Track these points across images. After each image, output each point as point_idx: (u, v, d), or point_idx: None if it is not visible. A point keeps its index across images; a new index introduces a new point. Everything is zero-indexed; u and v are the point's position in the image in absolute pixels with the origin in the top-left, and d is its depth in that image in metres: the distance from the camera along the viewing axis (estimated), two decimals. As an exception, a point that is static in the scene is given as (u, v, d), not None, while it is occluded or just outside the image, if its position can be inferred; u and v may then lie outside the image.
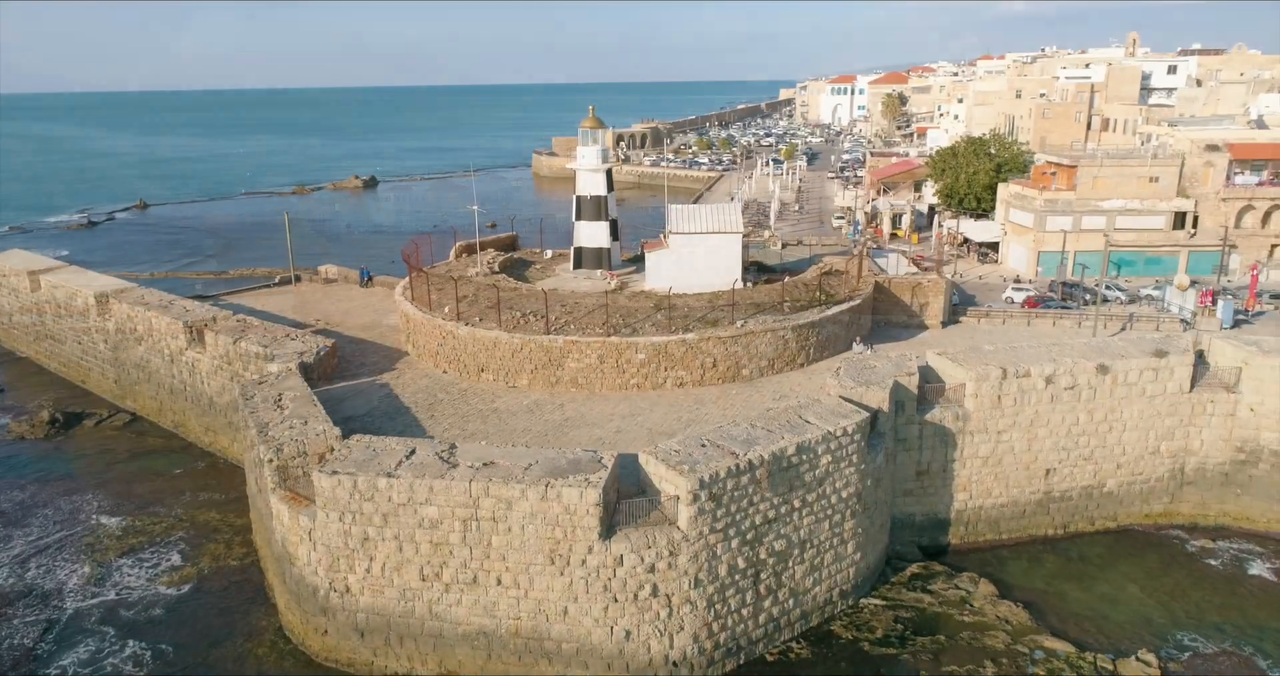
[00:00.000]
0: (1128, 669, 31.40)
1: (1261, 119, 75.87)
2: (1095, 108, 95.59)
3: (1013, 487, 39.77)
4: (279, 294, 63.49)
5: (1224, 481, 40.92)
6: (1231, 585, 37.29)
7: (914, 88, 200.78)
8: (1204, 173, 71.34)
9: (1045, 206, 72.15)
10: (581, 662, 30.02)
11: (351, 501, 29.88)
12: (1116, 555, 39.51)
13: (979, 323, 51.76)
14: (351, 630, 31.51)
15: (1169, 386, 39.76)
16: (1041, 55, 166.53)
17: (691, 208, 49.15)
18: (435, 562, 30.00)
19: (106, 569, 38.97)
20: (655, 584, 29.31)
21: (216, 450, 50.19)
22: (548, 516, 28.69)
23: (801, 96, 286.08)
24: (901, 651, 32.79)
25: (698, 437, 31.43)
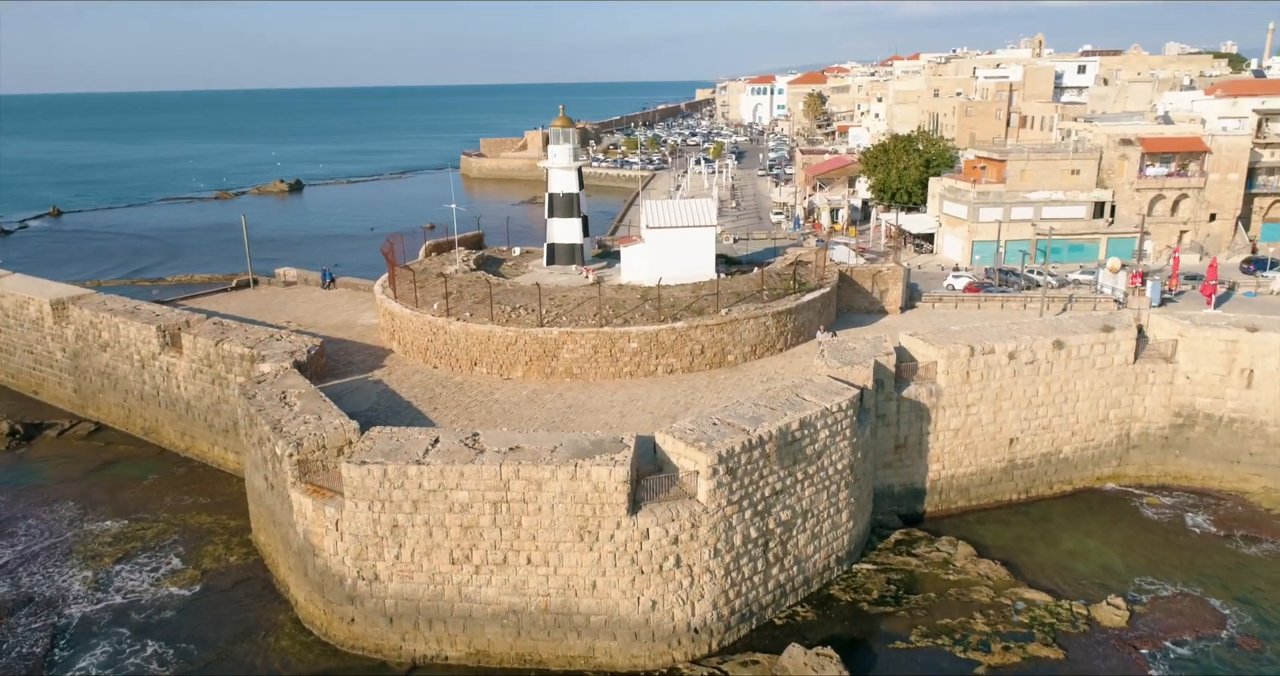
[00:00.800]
0: (1100, 613, 34.60)
1: (1167, 115, 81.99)
2: (1014, 105, 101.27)
3: (981, 457, 42.88)
4: (238, 297, 62.81)
5: (1164, 444, 44.92)
6: (1175, 535, 41.11)
7: (833, 87, 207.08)
8: (1119, 165, 76.81)
9: (978, 199, 76.55)
10: (610, 633, 31.57)
11: (381, 489, 30.76)
12: (1074, 514, 42.99)
13: (934, 307, 55.08)
14: (380, 617, 32.33)
15: (1115, 359, 43.49)
16: (954, 56, 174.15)
17: (666, 202, 50.99)
18: (465, 545, 31.12)
19: (106, 574, 38.65)
20: (679, 555, 31.09)
21: (194, 455, 49.78)
22: (577, 495, 30.16)
23: (721, 96, 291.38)
24: (897, 609, 35.34)
25: (708, 417, 33.33)
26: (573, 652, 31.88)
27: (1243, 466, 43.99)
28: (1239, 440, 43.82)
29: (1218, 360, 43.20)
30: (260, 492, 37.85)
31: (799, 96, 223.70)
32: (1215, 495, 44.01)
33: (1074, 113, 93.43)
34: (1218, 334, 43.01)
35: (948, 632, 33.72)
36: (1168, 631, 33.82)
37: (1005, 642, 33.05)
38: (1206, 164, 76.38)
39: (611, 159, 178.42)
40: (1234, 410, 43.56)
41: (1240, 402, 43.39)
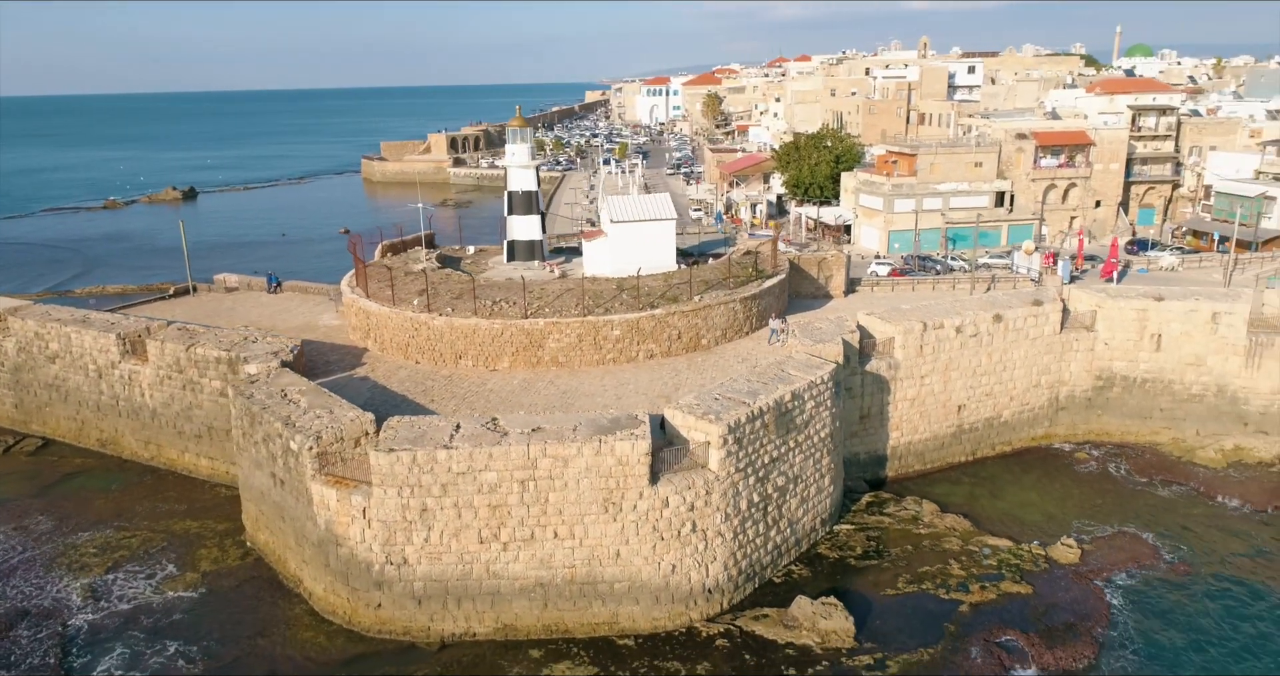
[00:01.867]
0: (1055, 553, 38.88)
1: (1055, 111, 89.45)
2: (913, 104, 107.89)
3: (933, 423, 46.91)
4: (180, 305, 61.55)
5: (1088, 404, 50.08)
6: (1103, 483, 46.08)
7: (728, 88, 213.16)
8: (1016, 157, 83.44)
9: (893, 191, 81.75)
10: (632, 598, 33.68)
11: (410, 475, 31.97)
12: (1015, 471, 47.53)
13: (872, 291, 59.24)
14: (408, 599, 33.48)
15: (1045, 330, 48.31)
16: (845, 57, 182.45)
17: (627, 198, 53.20)
18: (494, 524, 32.66)
19: (103, 583, 38.17)
20: (694, 521, 33.49)
21: (161, 464, 49.04)
22: (601, 469, 32.16)
23: (617, 98, 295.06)
24: (880, 562, 38.72)
25: (709, 393, 35.85)
26: (597, 619, 33.83)
27: (1154, 421, 49.54)
28: (1150, 398, 49.34)
29: (1131, 327, 48.58)
30: (263, 491, 38.16)
31: (695, 97, 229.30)
32: (1132, 447, 49.38)
33: (968, 110, 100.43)
34: (1130, 304, 48.38)
35: (929, 578, 37.29)
36: (1114, 564, 38.33)
37: (980, 583, 36.84)
38: (1091, 155, 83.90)
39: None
40: (1145, 371, 49.04)
41: (1151, 365, 48.89)
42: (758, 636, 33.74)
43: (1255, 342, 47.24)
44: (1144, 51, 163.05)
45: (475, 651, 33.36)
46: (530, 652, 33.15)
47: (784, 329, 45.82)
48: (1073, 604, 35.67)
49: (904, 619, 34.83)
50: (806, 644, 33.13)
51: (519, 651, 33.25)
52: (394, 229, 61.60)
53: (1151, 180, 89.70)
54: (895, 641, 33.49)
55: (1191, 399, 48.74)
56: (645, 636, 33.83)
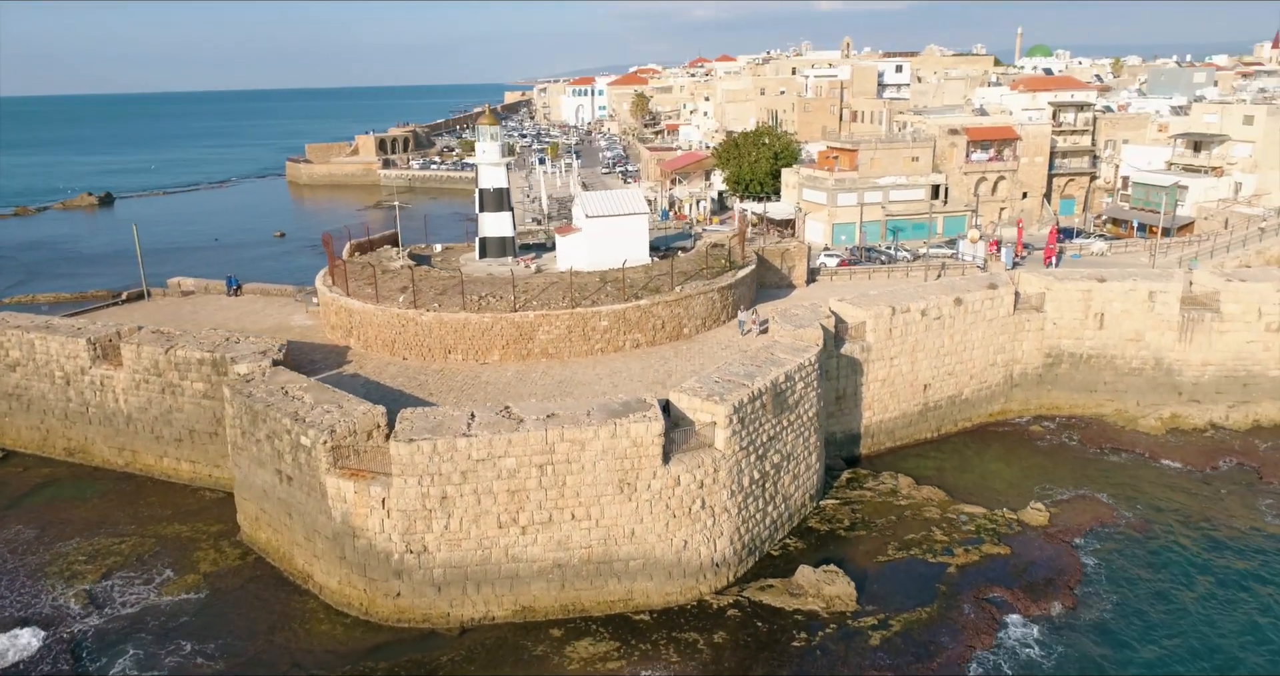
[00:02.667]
0: (1027, 516, 41.79)
1: (983, 107, 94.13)
2: (845, 102, 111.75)
3: (902, 402, 49.55)
4: (138, 310, 60.10)
5: (1039, 381, 53.52)
6: (1058, 453, 49.44)
7: (655, 88, 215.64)
8: (949, 152, 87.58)
9: (836, 185, 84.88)
10: (647, 575, 35.05)
11: (431, 463, 32.68)
12: (978, 445, 50.52)
13: (831, 280, 61.79)
14: (428, 587, 34.14)
15: (1000, 311, 51.48)
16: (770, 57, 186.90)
17: (601, 193, 54.39)
18: (512, 509, 33.60)
19: (103, 589, 37.61)
20: (704, 498, 35.05)
21: (137, 470, 48.14)
22: (617, 451, 33.44)
23: (542, 98, 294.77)
24: (868, 532, 40.98)
25: (709, 376, 37.47)
26: (613, 597, 35.09)
27: (1098, 394, 53.27)
28: (1095, 373, 53.05)
29: (1076, 307, 52.16)
30: (265, 489, 38.15)
31: (622, 97, 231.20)
32: (1081, 419, 52.99)
33: (899, 107, 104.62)
34: (1075, 285, 51.95)
35: (915, 545, 39.68)
36: (1079, 524, 41.42)
37: (963, 547, 39.41)
38: (1018, 150, 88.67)
39: (448, 162, 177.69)
40: (1090, 348, 52.72)
41: (1095, 342, 52.58)
42: (766, 605, 35.52)
43: (1187, 318, 51.31)
44: (1043, 52, 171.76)
45: (496, 634, 34.23)
46: (550, 632, 34.20)
47: (755, 320, 47.65)
48: (1048, 561, 38.52)
49: (898, 582, 37.08)
50: (813, 609, 35.05)
51: (539, 632, 34.27)
52: (361, 228, 61.36)
53: (1071, 172, 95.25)
54: (894, 602, 35.69)
55: (1132, 372, 52.59)
56: (659, 611, 35.25)
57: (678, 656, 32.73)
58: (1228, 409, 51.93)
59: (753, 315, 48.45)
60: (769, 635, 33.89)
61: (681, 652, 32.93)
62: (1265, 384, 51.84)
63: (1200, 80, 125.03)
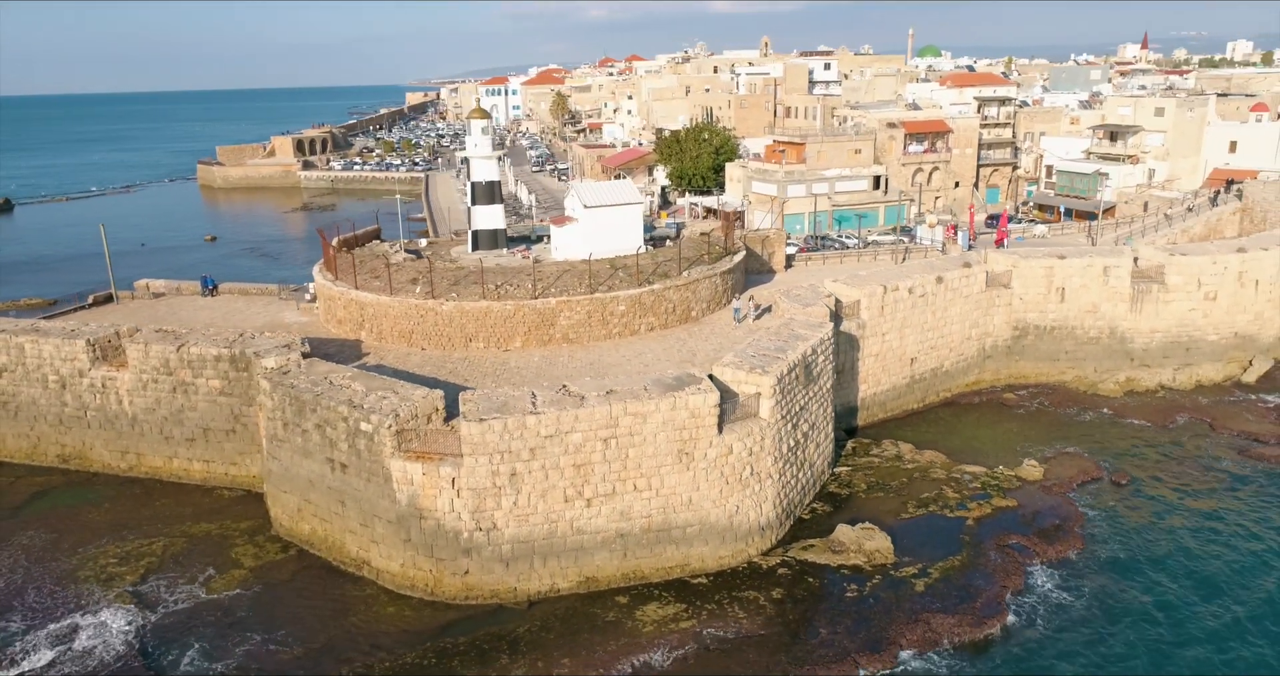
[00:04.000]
0: (1023, 472, 45.47)
1: (915, 102, 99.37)
2: (779, 98, 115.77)
3: (892, 375, 52.78)
4: (112, 313, 58.19)
5: (1008, 352, 57.71)
6: (1034, 416, 53.53)
7: (573, 87, 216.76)
8: (889, 145, 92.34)
9: (786, 177, 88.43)
10: (703, 540, 36.89)
11: (501, 442, 33.70)
12: (960, 413, 54.23)
13: (806, 265, 64.86)
14: (496, 563, 35.12)
15: (974, 288, 55.35)
16: (688, 56, 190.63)
17: (597, 184, 55.84)
18: (578, 483, 34.92)
19: (145, 590, 37.06)
20: (752, 465, 37.13)
21: (142, 473, 47.08)
22: (676, 422, 35.16)
23: (453, 98, 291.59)
24: (885, 494, 43.85)
25: (744, 351, 39.56)
26: (670, 563, 36.80)
27: (1060, 363, 57.81)
28: (1057, 343, 57.55)
29: (1040, 283, 56.53)
30: (312, 479, 38.24)
31: (539, 97, 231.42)
32: (1046, 386, 57.37)
33: (832, 103, 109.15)
34: (1039, 263, 56.30)
35: (931, 503, 42.75)
36: (1070, 478, 45.29)
37: (974, 501, 42.71)
38: (950, 141, 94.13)
39: (369, 162, 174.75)
40: (1053, 320, 57.20)
41: (1057, 314, 57.08)
42: (812, 563, 37.87)
43: (1137, 290, 56.32)
44: (933, 52, 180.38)
45: (564, 605, 35.48)
46: (616, 600, 35.67)
47: (752, 308, 49.89)
48: (1051, 510, 42.14)
49: (924, 536, 39.98)
50: (856, 563, 37.59)
51: (605, 600, 35.69)
52: (347, 224, 60.96)
53: (995, 163, 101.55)
54: (926, 554, 38.55)
55: (1090, 341, 57.32)
56: (714, 574, 37.14)
57: (743, 613, 34.72)
58: (1174, 371, 57.23)
59: (750, 302, 50.72)
60: (822, 589, 36.24)
61: (745, 609, 34.94)
62: (1205, 347, 57.37)
63: (1096, 77, 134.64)
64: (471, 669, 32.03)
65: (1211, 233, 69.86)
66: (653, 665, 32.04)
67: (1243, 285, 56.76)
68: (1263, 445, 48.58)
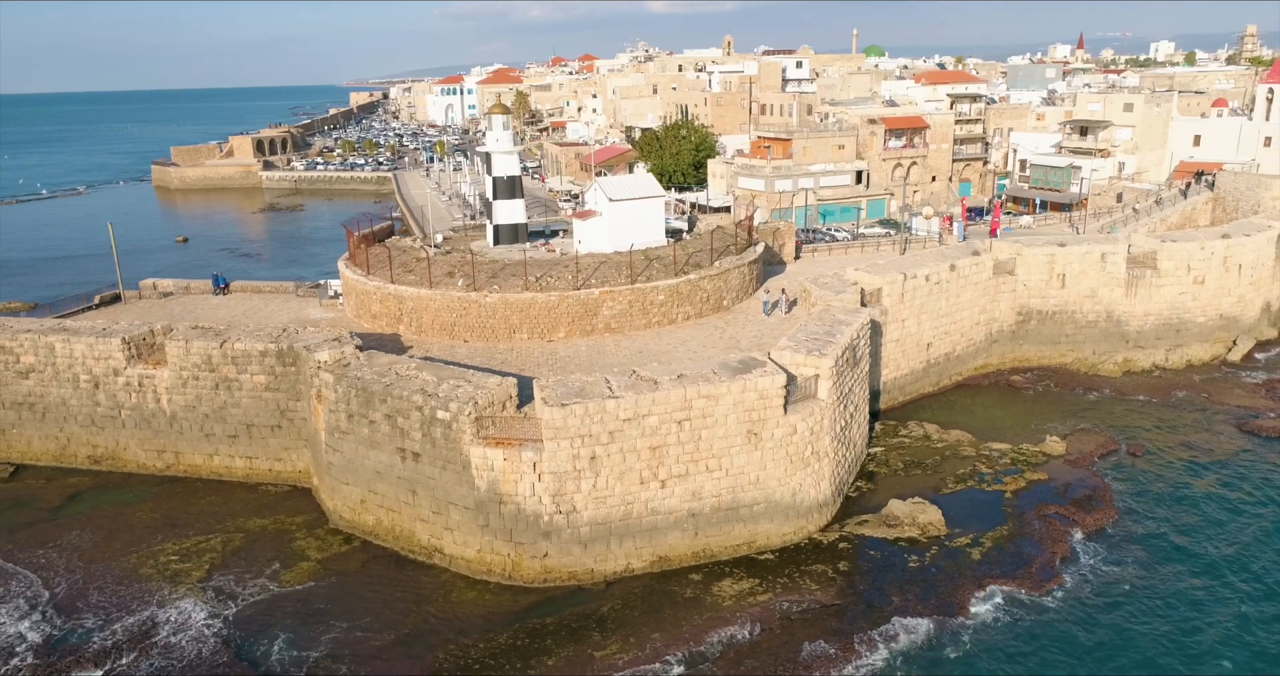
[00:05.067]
0: (1047, 447, 47.76)
1: (892, 99, 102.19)
2: (754, 96, 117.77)
3: (911, 360, 54.80)
4: (126, 312, 57.02)
5: (1012, 336, 60.28)
6: (1042, 396, 56.11)
7: (533, 86, 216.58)
8: (870, 140, 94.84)
9: (774, 173, 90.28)
10: (768, 517, 38.22)
11: (582, 426, 34.57)
12: (972, 395, 56.54)
13: (814, 255, 66.69)
14: (574, 545, 35.96)
15: (983, 275, 57.73)
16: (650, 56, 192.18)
17: (620, 178, 56.73)
18: (653, 464, 35.94)
19: (216, 584, 37.01)
20: (813, 444, 38.58)
21: (180, 471, 46.76)
22: (746, 404, 36.41)
23: (406, 98, 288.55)
24: (922, 472, 45.73)
25: (797, 336, 41.00)
26: (738, 541, 38.05)
27: (1061, 346, 60.60)
28: (1057, 327, 60.32)
29: (1042, 270, 59.19)
30: (380, 470, 38.53)
31: (492, 96, 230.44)
32: (1049, 368, 60.10)
33: (807, 100, 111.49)
34: (1042, 251, 58.95)
35: (968, 478, 44.76)
36: (1091, 451, 47.75)
37: (1008, 475, 44.84)
38: (927, 137, 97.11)
39: (332, 162, 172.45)
40: (1054, 306, 59.93)
41: (1058, 300, 59.82)
42: (869, 536, 39.50)
43: (1132, 275, 59.36)
44: (877, 52, 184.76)
45: (640, 583, 36.46)
46: (690, 577, 36.78)
47: (782, 300, 51.33)
48: (1080, 482, 44.47)
49: (969, 509, 41.90)
50: (912, 536, 39.32)
51: (680, 577, 36.78)
52: (365, 220, 60.73)
53: (968, 158, 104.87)
54: (974, 525, 40.45)
55: (1088, 325, 60.21)
56: (778, 550, 38.51)
57: (815, 585, 36.15)
58: (1166, 352, 60.44)
59: (782, 295, 52.08)
60: (884, 560, 37.87)
61: (816, 582, 36.37)
62: (1194, 329, 60.70)
63: (1051, 75, 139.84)
64: (566, 647, 32.83)
65: (1187, 221, 73.65)
66: (739, 637, 33.24)
67: (1227, 270, 60.21)
68: (1258, 417, 51.76)
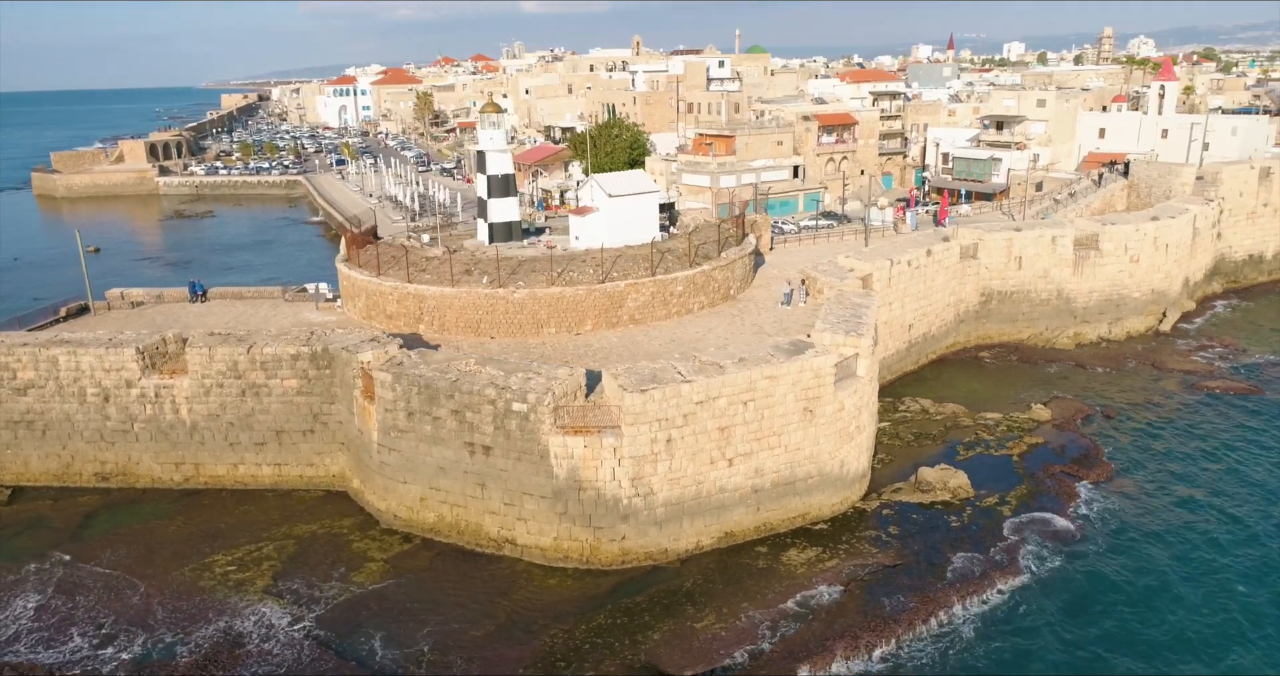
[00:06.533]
0: (1035, 414, 52.06)
1: (821, 97, 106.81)
2: (681, 95, 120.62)
3: (896, 340, 58.37)
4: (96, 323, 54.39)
5: (976, 316, 64.90)
6: (1010, 370, 60.82)
7: (435, 86, 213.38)
8: (805, 136, 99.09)
9: (720, 169, 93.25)
10: (821, 490, 40.59)
11: (660, 410, 35.98)
12: (948, 372, 60.64)
13: (785, 246, 69.68)
14: (651, 526, 37.32)
15: (953, 260, 61.97)
16: (556, 56, 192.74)
17: (617, 175, 57.87)
18: (721, 444, 37.69)
19: (286, 590, 36.54)
20: (856, 419, 41.18)
21: (201, 483, 45.44)
22: (803, 383, 38.62)
23: (295, 99, 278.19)
24: (932, 442, 49.08)
25: (827, 318, 43.47)
26: (794, 513, 40.26)
27: (1019, 323, 65.65)
28: (1015, 306, 65.32)
29: (1002, 253, 64.00)
30: (444, 466, 38.74)
31: (395, 96, 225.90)
32: (1010, 345, 65.02)
33: (734, 99, 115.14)
34: (1001, 235, 63.73)
35: (975, 446, 48.40)
36: (1072, 416, 52.31)
37: (1009, 441, 48.80)
38: (856, 133, 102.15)
39: (232, 167, 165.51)
40: (1012, 286, 64.88)
41: (1015, 281, 64.79)
42: (906, 502, 42.44)
43: (1078, 256, 64.91)
44: (759, 51, 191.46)
45: (712, 559, 38.16)
46: (756, 549, 38.76)
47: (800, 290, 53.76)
48: (1072, 443, 48.83)
49: (986, 472, 45.39)
50: (945, 499, 42.48)
51: (746, 550, 38.68)
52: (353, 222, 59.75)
53: (889, 152, 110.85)
54: (995, 487, 43.96)
55: (1042, 303, 65.46)
56: (829, 520, 40.95)
57: (874, 549, 38.74)
58: (1109, 325, 66.37)
59: (802, 284, 54.36)
60: (927, 522, 40.84)
61: (874, 546, 38.97)
62: (1131, 303, 66.87)
63: (948, 74, 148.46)
64: (665, 622, 34.19)
65: (1107, 207, 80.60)
66: (822, 599, 35.42)
67: (1157, 249, 66.63)
68: (1202, 379, 57.80)
